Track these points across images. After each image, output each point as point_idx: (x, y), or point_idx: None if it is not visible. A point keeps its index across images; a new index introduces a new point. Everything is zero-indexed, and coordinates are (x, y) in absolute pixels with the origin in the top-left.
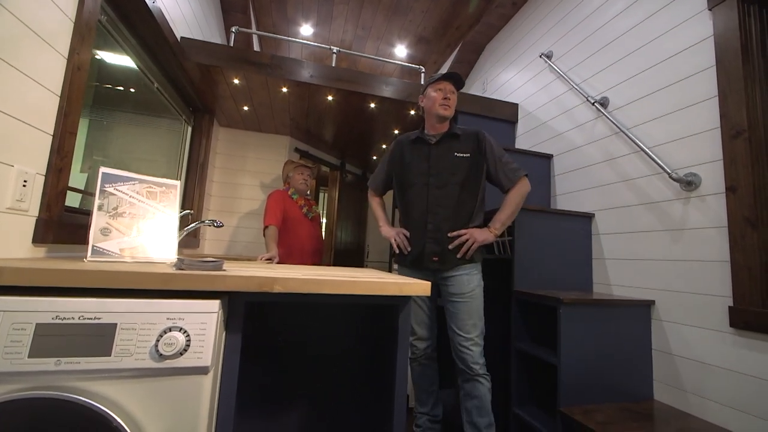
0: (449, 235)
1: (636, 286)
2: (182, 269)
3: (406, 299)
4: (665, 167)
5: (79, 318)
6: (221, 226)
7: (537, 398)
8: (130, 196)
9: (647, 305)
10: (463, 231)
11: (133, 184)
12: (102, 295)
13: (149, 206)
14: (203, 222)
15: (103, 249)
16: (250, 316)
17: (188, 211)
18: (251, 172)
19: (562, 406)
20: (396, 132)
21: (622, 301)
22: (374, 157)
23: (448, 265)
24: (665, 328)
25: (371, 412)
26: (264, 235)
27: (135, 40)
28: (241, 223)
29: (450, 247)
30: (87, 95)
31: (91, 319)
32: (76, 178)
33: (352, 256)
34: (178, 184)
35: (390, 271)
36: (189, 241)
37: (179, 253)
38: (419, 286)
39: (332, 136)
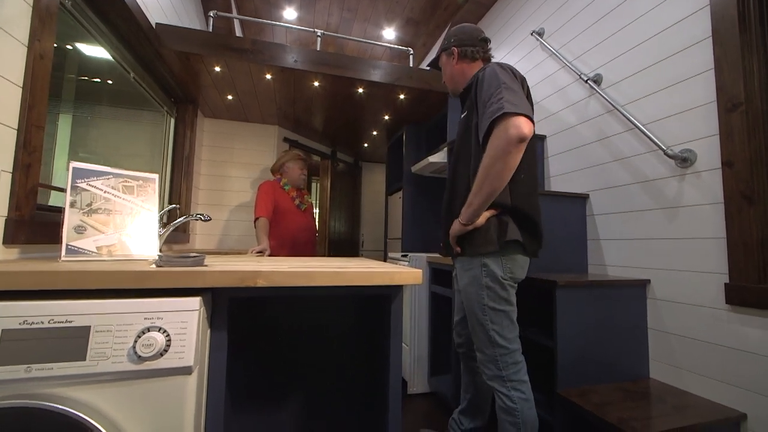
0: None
1: (631, 265)
2: (161, 266)
3: (398, 288)
4: (660, 144)
5: (48, 322)
6: (209, 220)
7: (533, 381)
8: (104, 192)
9: (643, 285)
10: (454, 221)
11: (108, 179)
12: (74, 296)
13: (126, 201)
14: (190, 216)
15: (79, 248)
16: (242, 310)
17: (174, 205)
18: (239, 164)
19: (560, 389)
20: (386, 118)
21: (617, 282)
22: (365, 145)
23: (449, 252)
24: (661, 307)
25: (368, 402)
26: (255, 228)
27: (105, 27)
28: (231, 216)
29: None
30: (68, 90)
31: (62, 322)
32: (63, 175)
33: (346, 246)
34: (156, 178)
35: (385, 260)
36: (178, 236)
37: (168, 248)
38: (410, 275)
39: (322, 124)
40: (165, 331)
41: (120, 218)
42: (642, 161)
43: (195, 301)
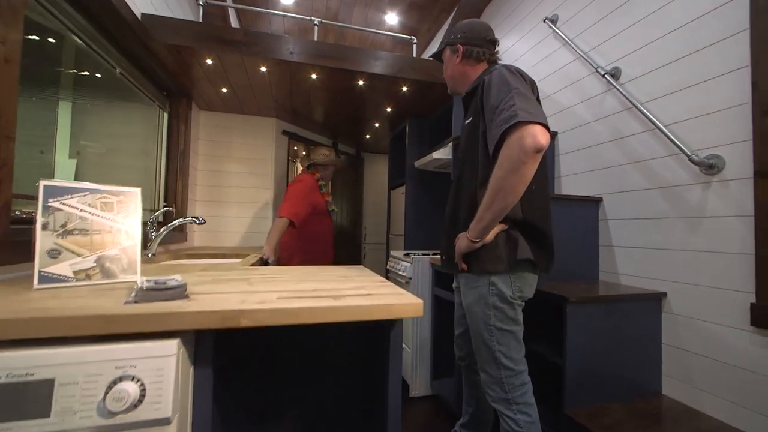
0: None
1: (646, 276)
2: (138, 301)
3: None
4: (683, 148)
5: (6, 376)
6: (203, 223)
7: (540, 398)
8: (80, 210)
9: (658, 298)
10: (460, 235)
11: (84, 196)
12: (35, 345)
13: (105, 219)
14: (185, 219)
15: (53, 274)
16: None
17: (169, 208)
18: (238, 159)
19: (567, 409)
20: (388, 110)
21: (632, 296)
22: (367, 136)
23: (453, 267)
24: (677, 322)
25: (368, 423)
26: (272, 223)
27: (84, 20)
28: (231, 213)
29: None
30: (67, 80)
31: (22, 376)
32: (66, 164)
33: (348, 239)
34: (138, 192)
35: (387, 259)
36: (175, 236)
37: (165, 250)
38: (410, 308)
39: (322, 116)
40: (139, 380)
41: (99, 238)
42: (662, 165)
43: (172, 345)
